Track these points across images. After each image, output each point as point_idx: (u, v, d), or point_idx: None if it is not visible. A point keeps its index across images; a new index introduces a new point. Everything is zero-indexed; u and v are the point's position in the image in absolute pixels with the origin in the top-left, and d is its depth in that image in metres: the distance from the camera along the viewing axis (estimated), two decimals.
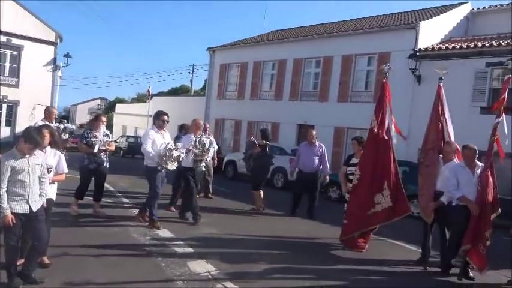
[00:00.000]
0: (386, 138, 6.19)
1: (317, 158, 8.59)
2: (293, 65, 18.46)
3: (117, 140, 25.40)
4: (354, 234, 6.26)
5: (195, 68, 41.39)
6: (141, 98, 45.30)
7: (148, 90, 27.12)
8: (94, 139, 6.79)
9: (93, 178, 7.04)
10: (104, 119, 7.27)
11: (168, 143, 6.38)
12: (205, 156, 6.94)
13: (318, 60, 17.70)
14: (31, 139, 3.81)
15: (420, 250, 6.07)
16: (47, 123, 6.75)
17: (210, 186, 10.04)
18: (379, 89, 6.60)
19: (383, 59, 14.16)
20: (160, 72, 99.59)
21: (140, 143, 7.42)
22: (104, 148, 6.92)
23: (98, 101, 60.43)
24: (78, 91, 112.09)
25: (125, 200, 8.66)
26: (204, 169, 7.01)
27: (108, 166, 7.11)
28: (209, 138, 7.10)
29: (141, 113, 30.07)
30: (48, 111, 7.09)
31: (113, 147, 7.09)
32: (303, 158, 8.71)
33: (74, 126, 7.02)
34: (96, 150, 6.81)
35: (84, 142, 6.88)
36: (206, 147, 6.84)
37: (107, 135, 7.02)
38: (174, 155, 6.25)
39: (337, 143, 16.24)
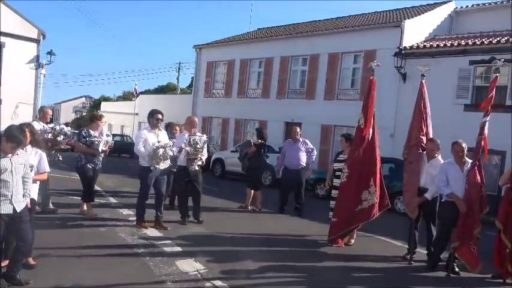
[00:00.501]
0: (372, 135, 6.27)
1: (302, 154, 8.67)
2: (280, 63, 18.49)
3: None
4: (342, 232, 6.31)
5: (182, 65, 41.24)
6: (127, 96, 44.85)
7: (135, 88, 26.91)
8: (96, 139, 6.70)
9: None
10: (104, 119, 7.22)
11: (159, 142, 6.28)
12: (199, 155, 6.78)
13: (305, 58, 17.75)
14: (13, 138, 3.74)
15: (406, 246, 6.15)
16: (42, 124, 6.77)
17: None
18: (366, 86, 6.66)
19: (369, 57, 14.29)
20: (146, 70, 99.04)
21: (127, 141, 7.36)
22: (104, 148, 6.87)
23: (83, 99, 59.67)
24: (62, 89, 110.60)
25: (112, 199, 8.58)
26: (197, 168, 6.86)
27: (101, 167, 7.04)
28: (202, 136, 6.92)
29: (127, 111, 29.81)
30: (42, 111, 7.04)
31: (106, 148, 7.02)
32: (288, 155, 8.80)
33: (69, 128, 6.96)
34: (100, 150, 6.76)
35: (83, 142, 6.75)
36: (199, 146, 6.70)
37: (108, 135, 6.97)
38: (160, 153, 6.17)
39: (324, 140, 16.34)
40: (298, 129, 9.00)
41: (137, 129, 27.21)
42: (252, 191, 8.76)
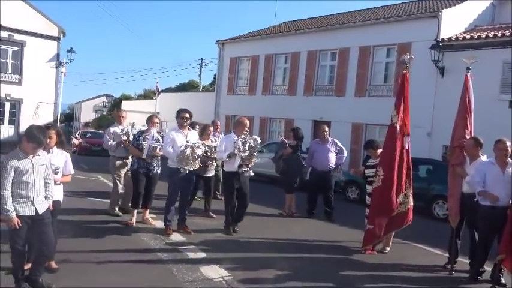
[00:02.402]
0: (408, 133, 6.16)
1: (331, 155, 8.62)
2: (307, 58, 18.36)
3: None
4: (378, 241, 6.21)
5: (204, 62, 41.51)
6: (148, 95, 45.63)
7: (156, 86, 27.23)
8: (144, 143, 6.68)
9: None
10: (156, 120, 7.04)
11: (187, 142, 6.27)
12: (253, 160, 6.60)
13: (334, 53, 17.57)
14: (34, 138, 3.82)
15: (447, 254, 5.98)
16: (120, 127, 7.27)
17: (220, 187, 10.08)
18: (399, 81, 6.51)
19: (403, 50, 13.97)
20: (167, 68, 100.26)
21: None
22: (155, 154, 6.74)
23: (103, 98, 60.95)
24: (82, 88, 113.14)
25: None
26: (252, 174, 6.74)
27: (159, 171, 6.96)
28: (255, 139, 6.63)
29: (149, 110, 30.26)
30: (115, 114, 7.51)
31: (160, 153, 6.77)
32: (316, 156, 8.73)
33: (130, 129, 7.24)
34: (144, 156, 6.68)
35: (135, 145, 6.81)
36: (254, 149, 6.51)
37: (157, 139, 6.76)
38: (187, 153, 6.16)
39: (355, 140, 16.12)
40: (326, 128, 8.91)
41: (159, 128, 27.68)
42: (288, 195, 8.74)
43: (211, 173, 7.98)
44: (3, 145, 4.81)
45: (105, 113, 53.31)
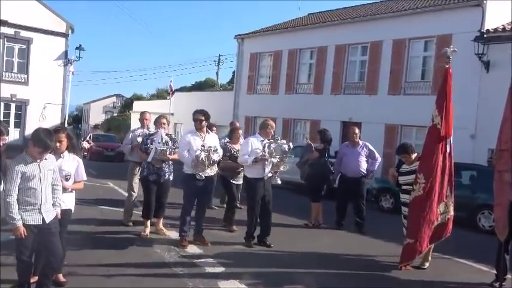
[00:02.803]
0: (450, 135, 6.05)
1: (362, 160, 8.56)
2: (335, 53, 18.26)
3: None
4: (420, 256, 6.11)
5: (222, 58, 41.65)
6: (161, 94, 46.15)
7: (170, 85, 27.50)
8: (151, 146, 6.69)
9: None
10: (164, 120, 6.98)
11: (203, 146, 6.26)
12: (282, 167, 6.61)
13: (365, 46, 17.42)
14: (40, 142, 3.89)
15: (494, 271, 5.84)
16: (146, 131, 7.35)
17: (239, 194, 10.10)
18: (440, 77, 6.41)
19: (443, 43, 13.75)
20: (182, 65, 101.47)
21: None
22: (164, 158, 6.66)
23: (114, 99, 61.85)
24: (91, 88, 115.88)
25: None
26: (279, 182, 6.73)
27: (172, 177, 6.97)
28: (287, 143, 6.68)
29: (162, 111, 30.65)
30: (140, 116, 7.65)
31: (170, 157, 6.72)
32: (345, 161, 8.67)
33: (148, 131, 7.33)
34: (149, 159, 6.65)
35: (143, 149, 6.84)
36: (286, 154, 6.51)
37: (166, 142, 6.65)
38: (202, 157, 6.15)
39: (389, 143, 15.91)
40: (357, 130, 8.85)
41: (173, 130, 27.95)
42: (314, 204, 8.70)
43: (241, 180, 7.92)
44: (9, 149, 4.94)
45: (115, 114, 54.08)
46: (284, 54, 20.48)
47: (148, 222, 6.96)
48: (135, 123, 36.21)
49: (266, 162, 6.52)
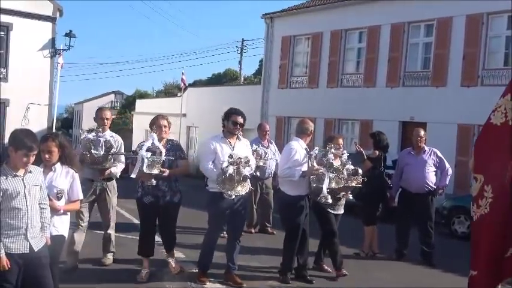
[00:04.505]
0: None
1: (429, 171, 8.53)
2: (390, 34, 18.16)
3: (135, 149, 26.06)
4: None
5: (246, 44, 41.79)
6: (170, 90, 46.72)
7: (182, 79, 27.74)
8: (135, 157, 6.23)
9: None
10: (163, 122, 6.57)
11: (231, 157, 6.11)
12: (333, 184, 6.64)
13: (429, 25, 17.29)
14: (22, 143, 3.96)
15: None
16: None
17: (271, 216, 10.11)
18: None
19: None
20: (195, 53, 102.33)
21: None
22: (154, 172, 6.09)
23: (112, 97, 62.88)
24: (83, 84, 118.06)
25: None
26: (330, 201, 6.63)
27: (178, 200, 6.63)
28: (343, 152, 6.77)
29: (171, 112, 30.92)
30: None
31: (168, 171, 6.28)
32: (407, 172, 8.61)
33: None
34: (133, 175, 6.15)
35: (135, 162, 6.29)
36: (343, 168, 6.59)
37: (158, 152, 6.16)
38: (230, 172, 6.03)
39: (462, 149, 15.66)
40: (422, 133, 8.75)
41: (185, 136, 28.17)
42: (367, 227, 8.66)
43: (342, 209, 7.61)
44: None
45: (114, 116, 54.88)
46: (326, 36, 20.48)
47: (147, 262, 6.64)
48: (139, 126, 36.77)
49: (325, 177, 6.49)
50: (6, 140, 22.93)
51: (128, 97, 57.20)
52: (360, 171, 6.97)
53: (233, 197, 6.17)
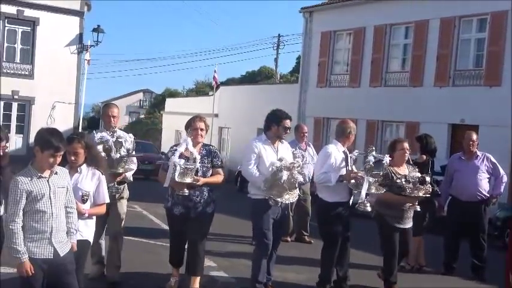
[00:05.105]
0: None
1: (482, 178, 8.38)
2: (439, 29, 17.95)
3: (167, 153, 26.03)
4: None
5: (283, 40, 41.82)
6: (201, 89, 47.05)
7: (214, 77, 27.92)
8: (169, 164, 5.95)
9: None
10: (200, 125, 6.24)
11: (280, 160, 6.09)
12: (374, 189, 6.44)
13: (483, 19, 17.05)
14: (48, 143, 4.01)
15: None
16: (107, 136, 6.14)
17: (308, 224, 10.08)
18: None
19: None
20: (228, 50, 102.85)
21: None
22: (187, 181, 5.82)
23: (140, 95, 63.76)
24: (111, 81, 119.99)
25: None
26: (369, 209, 6.52)
27: (211, 210, 6.34)
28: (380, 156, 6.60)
29: (203, 111, 31.13)
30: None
31: (203, 180, 6.05)
32: (458, 179, 8.49)
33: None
34: (166, 184, 5.96)
35: (166, 168, 6.16)
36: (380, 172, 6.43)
37: (193, 158, 5.92)
38: (284, 179, 5.92)
39: None
40: (474, 137, 8.61)
41: (217, 137, 28.31)
42: (413, 238, 8.55)
43: (410, 223, 7.42)
44: (10, 161, 5.00)
45: (142, 116, 55.62)
46: (369, 32, 20.39)
47: (176, 271, 6.51)
48: (168, 127, 37.09)
49: (365, 181, 6.38)
50: (31, 139, 23.46)
51: (157, 96, 57.90)
52: (428, 179, 6.81)
53: (279, 204, 6.13)
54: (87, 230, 4.75)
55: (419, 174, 6.87)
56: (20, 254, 3.99)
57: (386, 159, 6.59)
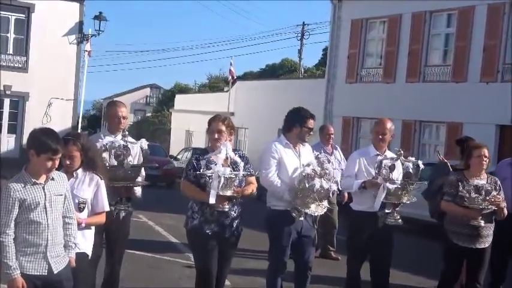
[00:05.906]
0: None
1: None
2: (487, 17, 17.86)
3: (177, 157, 26.00)
4: None
5: (307, 29, 41.76)
6: (215, 84, 47.14)
7: (230, 70, 27.93)
8: (209, 173, 5.43)
9: None
10: (223, 127, 5.74)
11: (308, 166, 6.00)
12: (405, 199, 6.38)
13: None
14: (45, 145, 3.99)
15: None
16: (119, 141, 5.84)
17: (334, 238, 10.07)
18: None
19: None
20: (246, 40, 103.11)
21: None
22: (228, 193, 5.41)
23: (147, 91, 63.94)
24: (114, 75, 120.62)
25: None
26: (400, 222, 6.52)
27: (242, 228, 5.91)
28: (411, 159, 6.56)
29: (217, 110, 31.21)
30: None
31: (248, 190, 5.75)
32: (507, 188, 8.35)
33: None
34: (213, 200, 5.37)
35: (192, 179, 5.69)
36: (412, 180, 6.35)
37: (235, 163, 5.57)
38: (316, 188, 5.81)
39: None
40: None
41: (233, 138, 28.33)
42: None
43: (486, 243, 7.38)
44: (2, 165, 4.98)
45: (149, 114, 55.80)
46: (405, 20, 20.34)
47: None
48: (178, 127, 37.18)
49: (380, 189, 6.36)
50: (25, 139, 23.58)
51: (165, 92, 58.02)
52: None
53: (301, 216, 6.01)
54: (84, 242, 4.75)
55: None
56: (11, 269, 3.98)
57: (420, 163, 6.53)
